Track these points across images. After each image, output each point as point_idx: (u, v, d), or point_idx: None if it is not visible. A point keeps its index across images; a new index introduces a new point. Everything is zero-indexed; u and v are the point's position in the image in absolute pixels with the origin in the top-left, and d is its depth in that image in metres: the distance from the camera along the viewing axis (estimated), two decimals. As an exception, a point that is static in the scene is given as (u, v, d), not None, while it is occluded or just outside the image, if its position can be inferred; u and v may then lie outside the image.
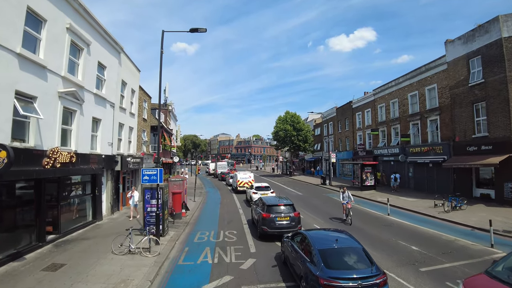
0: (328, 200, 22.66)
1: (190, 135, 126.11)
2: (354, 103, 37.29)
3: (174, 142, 41.88)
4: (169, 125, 39.42)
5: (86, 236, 12.32)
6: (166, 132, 32.51)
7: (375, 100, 32.68)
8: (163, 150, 30.05)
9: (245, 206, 20.00)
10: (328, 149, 41.72)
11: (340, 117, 41.08)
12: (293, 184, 35.22)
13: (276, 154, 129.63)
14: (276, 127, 46.03)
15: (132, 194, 15.73)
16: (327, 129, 45.99)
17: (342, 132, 40.22)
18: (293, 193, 26.93)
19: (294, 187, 31.15)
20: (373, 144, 32.92)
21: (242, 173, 27.19)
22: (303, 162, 58.34)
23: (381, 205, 20.34)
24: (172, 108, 43.36)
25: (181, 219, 15.48)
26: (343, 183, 32.51)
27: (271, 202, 12.14)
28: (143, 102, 23.35)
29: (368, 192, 26.11)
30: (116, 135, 17.38)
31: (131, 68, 20.09)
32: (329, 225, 14.29)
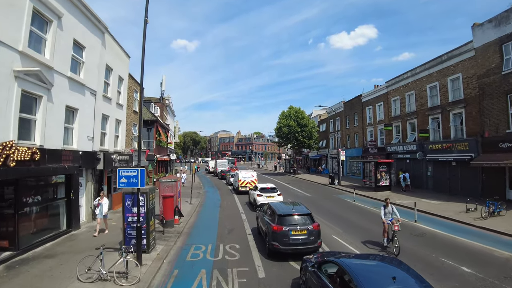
0: (341, 203, 20.23)
1: (189, 132, 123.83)
2: (364, 97, 34.78)
3: (171, 139, 39.44)
4: (166, 120, 37.00)
5: (53, 252, 9.92)
6: (162, 127, 30.05)
7: (388, 93, 30.16)
8: (158, 146, 27.63)
9: (248, 210, 17.61)
10: (337, 146, 39.19)
11: (348, 112, 38.57)
12: (298, 183, 32.81)
13: (279, 151, 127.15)
14: (279, 123, 43.57)
15: (100, 202, 12.18)
16: (333, 125, 43.50)
17: (351, 128, 37.74)
18: (300, 194, 24.52)
19: (300, 187, 28.75)
20: (385, 141, 30.46)
21: (244, 172, 24.78)
22: (307, 160, 55.91)
23: (402, 209, 17.91)
24: (169, 103, 40.91)
25: (173, 228, 13.07)
26: (353, 183, 30.13)
27: (284, 211, 9.69)
28: (134, 93, 20.90)
29: (383, 193, 23.67)
30: (98, 129, 14.95)
31: (118, 52, 17.61)
32: (353, 238, 11.87)
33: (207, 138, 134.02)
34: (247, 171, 25.06)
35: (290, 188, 27.97)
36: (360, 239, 11.56)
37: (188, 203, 19.71)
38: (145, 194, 9.60)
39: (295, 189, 27.25)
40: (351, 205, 19.33)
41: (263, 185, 18.28)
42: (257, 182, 24.17)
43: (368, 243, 11.06)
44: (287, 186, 29.75)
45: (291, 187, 28.85)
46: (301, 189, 27.50)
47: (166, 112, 38.35)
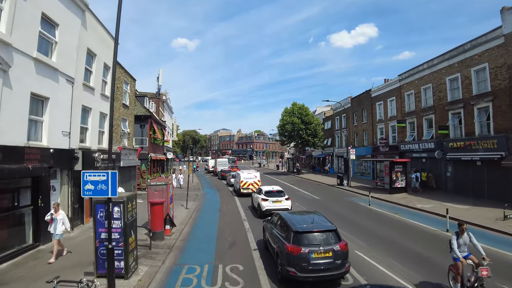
0: (355, 208, 18.08)
1: (189, 131, 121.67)
2: (373, 92, 32.59)
3: (167, 136, 37.32)
4: (162, 117, 34.83)
5: (7, 277, 7.78)
6: (157, 124, 27.89)
7: (401, 87, 27.97)
8: (152, 144, 25.49)
9: (251, 216, 15.47)
10: (344, 144, 37.05)
11: (356, 108, 36.37)
12: (303, 184, 30.65)
13: (281, 150, 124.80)
14: (282, 120, 41.40)
15: (54, 217, 8.93)
16: (339, 122, 41.32)
17: (359, 125, 35.55)
18: (308, 196, 22.38)
19: (307, 189, 26.60)
20: (398, 138, 28.29)
21: (246, 172, 22.62)
22: (310, 159, 53.77)
23: (426, 215, 15.81)
24: (166, 99, 38.73)
25: (163, 241, 10.93)
26: (363, 184, 28.00)
27: (301, 226, 7.51)
28: (124, 84, 18.74)
29: (399, 196, 21.54)
30: (77, 123, 12.80)
31: (103, 36, 15.44)
32: (383, 255, 9.71)
33: (207, 136, 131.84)
34: (249, 171, 22.92)
35: (295, 190, 25.83)
36: (391, 256, 9.40)
37: (183, 207, 17.58)
38: (121, 204, 7.44)
39: (301, 191, 25.10)
40: (367, 211, 17.18)
41: (268, 187, 16.09)
42: (260, 183, 22.07)
43: (411, 268, 8.83)
44: (292, 188, 27.61)
45: (296, 189, 26.71)
46: (307, 190, 25.35)
47: (163, 108, 36.18)
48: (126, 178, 18.41)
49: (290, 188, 27.45)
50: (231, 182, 28.14)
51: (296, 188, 27.33)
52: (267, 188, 15.81)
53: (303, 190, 25.77)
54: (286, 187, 27.57)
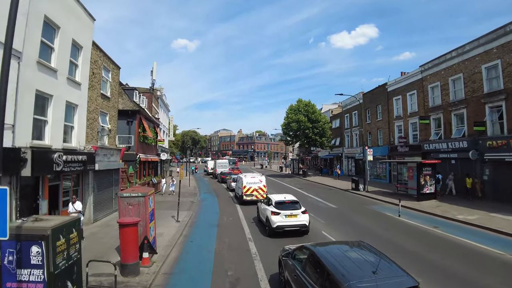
0: (384, 220, 14.84)
1: (189, 131, 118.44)
2: (390, 85, 29.41)
3: (161, 135, 34.15)
4: (156, 114, 31.68)
5: None
6: (149, 121, 24.72)
7: (424, 79, 24.78)
8: (142, 143, 22.32)
9: (258, 233, 12.30)
10: (358, 144, 33.89)
11: (369, 105, 33.17)
12: (312, 188, 27.44)
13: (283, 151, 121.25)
14: (287, 118, 38.20)
15: None
16: (349, 120, 38.12)
17: (372, 123, 32.33)
18: (321, 204, 19.17)
19: (318, 194, 23.39)
20: (421, 137, 25.09)
21: (249, 176, 19.37)
22: (316, 160, 50.55)
23: (474, 230, 12.62)
24: (161, 94, 35.56)
25: (138, 277, 7.73)
26: (381, 188, 24.80)
27: (360, 281, 4.23)
28: (103, 71, 15.57)
29: (430, 204, 18.33)
30: (29, 113, 9.61)
31: (72, 7, 12.28)
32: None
33: (207, 137, 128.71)
34: (253, 175, 19.69)
35: (305, 196, 22.63)
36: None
37: (174, 219, 14.40)
38: (43, 241, 4.24)
39: (312, 197, 21.90)
40: (400, 224, 13.97)
41: (279, 196, 12.81)
42: (266, 188, 18.88)
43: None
44: (301, 193, 24.41)
45: (306, 194, 23.50)
46: (319, 196, 22.14)
47: (157, 104, 33.02)
48: (105, 184, 15.24)
49: (299, 193, 24.23)
50: (231, 187, 24.95)
51: (305, 193, 24.12)
52: (277, 197, 12.54)
53: (314, 195, 22.55)
54: (294, 193, 24.37)
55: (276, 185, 29.68)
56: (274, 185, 28.41)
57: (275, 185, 29.35)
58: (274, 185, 29.29)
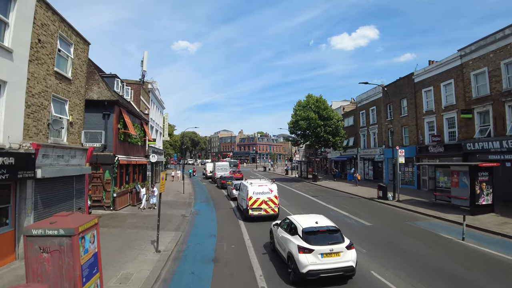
0: (449, 248, 10.53)
1: (188, 132, 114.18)
2: (417, 75, 25.22)
3: (153, 135, 30.00)
4: (146, 110, 27.47)
5: None
6: (133, 116, 20.55)
7: (464, 65, 20.58)
8: (123, 143, 18.16)
9: (275, 276, 8.09)
10: (377, 144, 29.58)
11: (390, 99, 28.92)
12: (329, 196, 23.19)
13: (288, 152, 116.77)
14: (295, 116, 33.96)
15: None
16: (365, 118, 33.87)
17: (395, 120, 28.09)
18: (351, 220, 14.92)
19: (339, 205, 19.15)
20: (460, 134, 20.86)
21: (256, 184, 14.97)
22: (325, 162, 46.28)
23: None
24: (153, 88, 31.33)
25: None
26: (413, 196, 20.56)
27: None
28: (60, 42, 11.41)
29: (490, 218, 14.15)
30: None
31: None
32: None
33: (207, 138, 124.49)
34: (261, 182, 15.36)
35: (325, 207, 18.42)
36: None
37: (153, 247, 10.19)
38: None
39: (334, 209, 17.66)
40: (473, 254, 9.71)
41: (306, 220, 8.31)
42: (278, 200, 14.64)
43: None
44: (317, 202, 20.21)
45: (325, 205, 19.27)
46: (342, 208, 17.89)
47: (147, 99, 28.82)
48: (59, 197, 11.02)
49: (315, 203, 20.03)
50: (233, 195, 20.72)
51: (323, 203, 19.88)
52: (304, 221, 8.16)
53: (335, 207, 18.30)
54: (307, 201, 20.25)
55: (284, 192, 25.46)
56: (282, 192, 24.20)
57: (283, 191, 25.13)
58: (282, 191, 25.06)
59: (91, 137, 15.15)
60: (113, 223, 14.04)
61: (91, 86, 17.47)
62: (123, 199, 17.68)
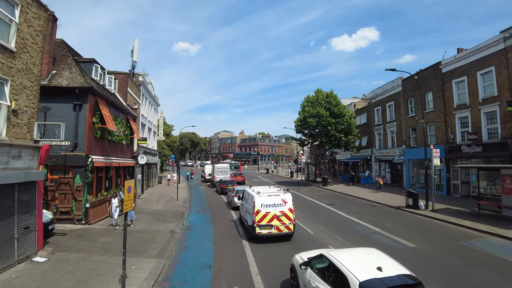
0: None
1: (188, 133, 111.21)
2: (446, 64, 21.96)
3: (144, 133, 26.82)
4: (135, 105, 24.20)
5: None
6: (115, 109, 17.35)
7: (509, 49, 17.31)
8: (100, 140, 14.92)
9: None
10: (395, 144, 26.17)
11: (411, 93, 25.69)
12: (347, 205, 19.92)
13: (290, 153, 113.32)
14: (303, 113, 30.70)
15: None
16: (381, 115, 30.57)
17: (418, 116, 24.75)
18: (384, 237, 11.63)
19: (361, 216, 15.86)
20: (505, 132, 17.56)
21: (265, 193, 11.50)
22: (333, 164, 42.97)
23: None
24: (144, 81, 28.05)
25: None
26: (448, 205, 17.25)
27: None
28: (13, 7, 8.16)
29: None
30: None
31: None
32: None
33: (207, 139, 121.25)
34: (271, 191, 11.93)
35: (344, 218, 15.17)
36: None
37: None
38: None
39: (358, 222, 14.38)
40: None
41: (362, 259, 5.00)
42: (293, 214, 11.33)
43: None
44: (336, 213, 16.94)
45: (344, 215, 15.99)
46: (367, 220, 14.60)
47: (138, 93, 25.57)
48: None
49: (333, 214, 16.76)
50: (235, 203, 17.45)
51: (341, 213, 16.59)
52: (359, 266, 4.65)
53: (358, 219, 15.00)
54: (324, 212, 16.74)
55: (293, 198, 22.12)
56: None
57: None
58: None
59: (53, 132, 11.90)
60: (79, 244, 10.77)
61: (61, 72, 14.29)
62: (100, 210, 14.42)
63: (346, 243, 11.00)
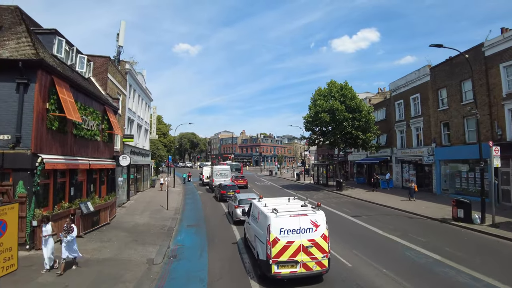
0: None
1: (187, 133, 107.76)
2: (489, 47, 18.27)
3: (130, 130, 23.22)
4: (121, 96, 20.51)
5: None
6: (84, 94, 13.71)
7: None
8: (57, 134, 11.26)
9: None
10: (421, 142, 22.27)
11: (443, 83, 21.99)
12: (375, 215, 16.26)
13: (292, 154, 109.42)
14: (314, 107, 26.97)
15: None
16: (403, 109, 26.82)
17: (452, 109, 21.07)
18: (452, 271, 7.92)
19: (403, 233, 12.16)
20: None
21: (285, 213, 7.24)
22: (344, 166, 39.22)
23: None
24: (131, 69, 24.30)
25: None
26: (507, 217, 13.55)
27: None
28: None
29: None
30: None
31: None
32: None
33: (206, 139, 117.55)
34: (292, 210, 7.69)
35: (381, 237, 11.53)
36: None
37: None
38: None
39: (403, 244, 10.72)
40: None
41: None
42: (328, 242, 7.56)
43: None
44: (367, 228, 13.26)
45: (379, 232, 12.29)
46: (415, 242, 10.91)
47: (123, 83, 21.87)
48: None
49: (363, 229, 13.06)
50: (237, 216, 13.76)
51: (373, 228, 12.89)
52: None
53: (403, 239, 11.29)
54: (350, 226, 12.71)
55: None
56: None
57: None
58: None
59: None
60: None
61: (5, 42, 10.69)
62: (57, 229, 10.74)
63: (405, 283, 7.33)
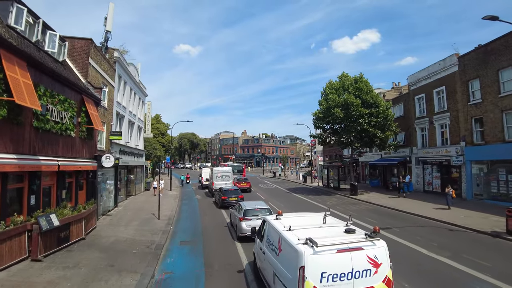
0: None
1: (187, 133, 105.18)
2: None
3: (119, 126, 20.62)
4: (106, 87, 17.87)
5: None
6: (52, 77, 11.05)
7: None
8: (9, 124, 8.57)
9: None
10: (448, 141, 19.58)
11: (476, 73, 19.30)
12: (409, 227, 13.58)
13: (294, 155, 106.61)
14: (326, 102, 24.27)
15: None
16: (425, 104, 24.09)
17: (486, 103, 18.37)
18: None
19: (457, 255, 9.47)
20: None
21: (328, 246, 4.56)
22: (355, 167, 36.44)
23: None
24: (120, 58, 21.56)
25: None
26: None
27: None
28: None
29: None
30: None
31: None
32: None
33: (207, 140, 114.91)
34: (336, 239, 4.92)
35: (432, 260, 8.86)
36: None
37: None
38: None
39: (463, 271, 8.03)
40: None
41: None
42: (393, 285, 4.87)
43: None
44: (410, 248, 10.57)
45: (427, 254, 9.60)
46: (477, 268, 8.23)
47: (111, 72, 19.21)
48: None
49: (406, 250, 10.34)
50: (243, 231, 11.08)
51: (417, 248, 10.21)
52: None
53: (459, 264, 8.59)
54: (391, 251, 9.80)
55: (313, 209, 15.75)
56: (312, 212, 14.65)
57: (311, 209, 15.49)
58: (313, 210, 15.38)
59: None
60: None
61: None
62: (7, 250, 8.10)
63: None
